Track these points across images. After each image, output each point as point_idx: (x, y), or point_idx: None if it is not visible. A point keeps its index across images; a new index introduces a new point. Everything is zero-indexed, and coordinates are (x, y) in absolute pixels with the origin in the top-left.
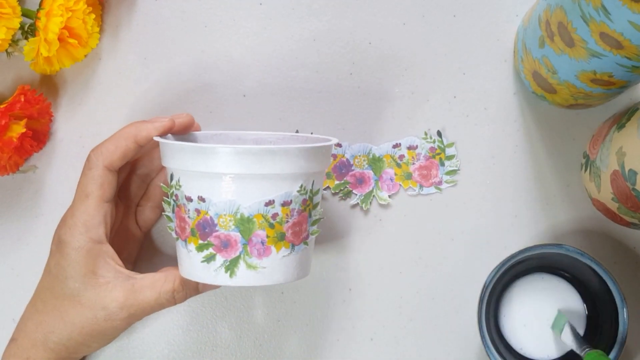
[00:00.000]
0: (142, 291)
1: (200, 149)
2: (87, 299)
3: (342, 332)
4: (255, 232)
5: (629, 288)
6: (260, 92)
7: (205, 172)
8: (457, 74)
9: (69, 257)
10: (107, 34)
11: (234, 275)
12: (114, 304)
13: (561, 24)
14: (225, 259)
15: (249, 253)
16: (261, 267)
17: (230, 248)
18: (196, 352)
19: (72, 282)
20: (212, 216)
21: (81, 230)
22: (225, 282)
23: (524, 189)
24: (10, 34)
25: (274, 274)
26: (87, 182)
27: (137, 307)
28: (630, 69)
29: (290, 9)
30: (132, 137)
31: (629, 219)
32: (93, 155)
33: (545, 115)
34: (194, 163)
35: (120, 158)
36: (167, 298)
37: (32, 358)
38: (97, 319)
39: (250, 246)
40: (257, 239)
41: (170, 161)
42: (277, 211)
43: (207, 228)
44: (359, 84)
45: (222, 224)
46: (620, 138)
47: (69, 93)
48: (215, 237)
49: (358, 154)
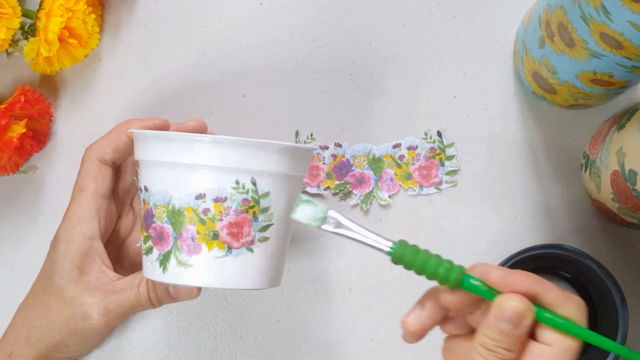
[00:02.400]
0: (122, 291)
1: (138, 135)
2: (69, 296)
3: (342, 332)
4: (186, 227)
5: (629, 288)
6: (260, 92)
7: (147, 161)
8: (457, 74)
9: (59, 250)
10: (107, 34)
11: (166, 271)
12: (92, 300)
13: (561, 24)
14: (159, 253)
15: (179, 248)
16: (190, 265)
17: (164, 241)
18: (196, 352)
19: (58, 277)
20: (151, 207)
21: (74, 223)
22: (159, 277)
23: (524, 189)
24: (10, 34)
25: (206, 275)
26: (81, 176)
27: (115, 304)
28: (630, 69)
29: (290, 9)
30: (123, 130)
31: (629, 219)
32: (87, 151)
33: (545, 116)
34: (139, 151)
35: (112, 150)
36: (144, 297)
37: (15, 353)
38: (75, 317)
39: (181, 241)
40: (188, 234)
41: (136, 152)
42: (208, 206)
43: (148, 219)
44: (359, 84)
45: (157, 214)
46: (620, 138)
47: (69, 93)
48: (153, 228)
49: (358, 154)
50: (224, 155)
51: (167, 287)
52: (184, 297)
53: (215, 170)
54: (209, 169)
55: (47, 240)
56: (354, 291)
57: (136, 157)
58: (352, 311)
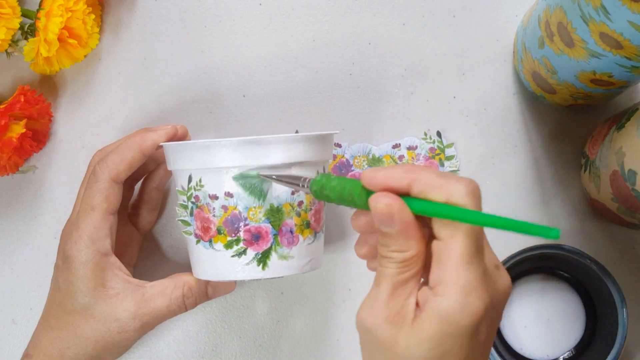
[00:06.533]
0: (153, 299)
1: (229, 143)
2: (99, 312)
3: (342, 332)
4: (285, 222)
5: (629, 288)
6: (260, 92)
7: (231, 167)
8: (457, 74)
9: (77, 272)
10: (107, 34)
11: (267, 267)
12: (126, 314)
13: (561, 24)
14: (256, 252)
15: (279, 243)
16: (291, 257)
17: (262, 240)
18: (196, 353)
19: (82, 296)
20: (241, 210)
21: (87, 243)
22: (256, 275)
23: (524, 189)
24: (10, 34)
25: (302, 263)
26: (92, 194)
27: (149, 315)
28: (629, 69)
29: (290, 9)
30: (137, 147)
31: (628, 219)
32: (99, 169)
33: (545, 116)
34: (221, 159)
35: (126, 170)
36: (177, 304)
37: None
38: (111, 332)
39: (281, 236)
40: (287, 228)
41: (189, 162)
42: (302, 199)
43: (236, 223)
44: (359, 84)
45: (252, 216)
46: (620, 138)
47: (69, 93)
48: (246, 231)
49: (358, 154)
50: (313, 150)
51: (205, 290)
52: (221, 294)
53: (305, 165)
54: (301, 164)
55: (46, 240)
56: (353, 291)
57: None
58: (352, 311)
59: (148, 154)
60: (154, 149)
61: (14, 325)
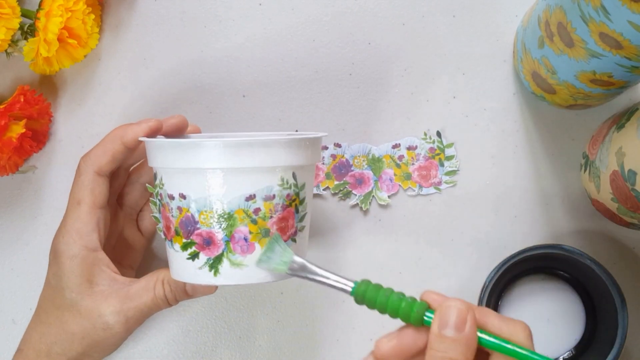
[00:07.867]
0: (138, 295)
1: (178, 144)
2: (84, 308)
3: (342, 332)
4: (238, 229)
5: (629, 288)
6: (259, 92)
7: (185, 168)
8: (457, 74)
9: (64, 266)
10: (107, 34)
11: (218, 274)
12: (110, 309)
13: (561, 24)
14: (208, 257)
15: (232, 250)
16: (245, 265)
17: (213, 246)
18: (196, 352)
19: (69, 292)
20: (193, 213)
21: (74, 238)
22: (209, 280)
23: (524, 189)
24: (9, 34)
25: (260, 272)
26: (77, 189)
27: (134, 309)
28: (629, 69)
29: (290, 9)
30: (118, 139)
31: (628, 219)
32: (82, 162)
33: (545, 116)
34: (174, 159)
35: (109, 161)
36: (161, 299)
37: None
38: (96, 328)
39: (233, 243)
40: (240, 235)
41: (153, 160)
42: (259, 206)
43: (189, 226)
44: (359, 84)
45: (202, 220)
46: (620, 138)
47: (69, 93)
48: (197, 234)
49: (357, 154)
50: (272, 155)
51: (184, 287)
52: (201, 293)
53: (263, 170)
54: (258, 170)
55: (47, 241)
56: None
57: (160, 164)
58: (352, 311)
59: (131, 146)
60: (135, 141)
61: (14, 325)
